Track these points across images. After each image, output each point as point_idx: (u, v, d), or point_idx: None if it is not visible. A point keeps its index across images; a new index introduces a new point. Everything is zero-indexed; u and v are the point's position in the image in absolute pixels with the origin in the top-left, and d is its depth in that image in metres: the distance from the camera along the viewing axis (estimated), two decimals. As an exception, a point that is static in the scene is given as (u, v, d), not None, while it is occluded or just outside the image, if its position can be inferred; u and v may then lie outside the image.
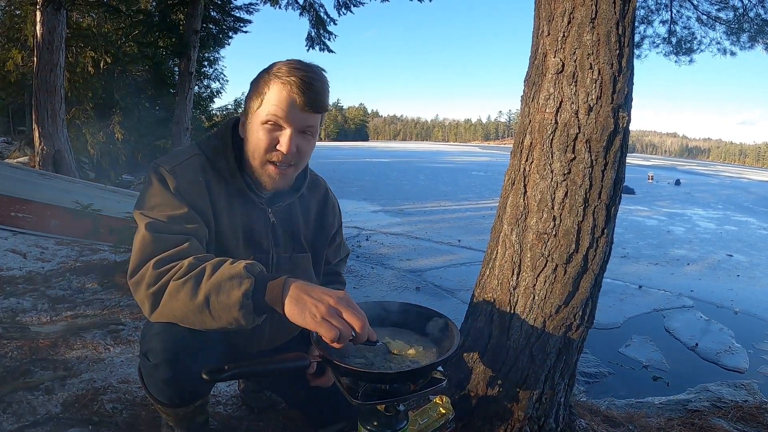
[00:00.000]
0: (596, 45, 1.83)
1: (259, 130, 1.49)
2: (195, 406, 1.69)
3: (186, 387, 1.57)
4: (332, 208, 1.93)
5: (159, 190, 1.45)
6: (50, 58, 10.17)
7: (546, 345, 1.95)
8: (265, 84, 1.48)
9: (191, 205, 1.46)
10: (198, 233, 1.44)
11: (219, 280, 1.25)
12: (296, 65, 1.48)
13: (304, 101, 1.45)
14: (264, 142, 1.49)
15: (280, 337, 1.87)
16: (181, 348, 1.45)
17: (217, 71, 17.60)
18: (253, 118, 1.51)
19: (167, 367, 1.48)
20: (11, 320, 3.27)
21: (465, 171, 31.29)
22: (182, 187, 1.47)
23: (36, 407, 2.24)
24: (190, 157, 1.55)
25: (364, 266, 7.21)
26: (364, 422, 1.48)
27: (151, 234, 1.36)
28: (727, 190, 27.48)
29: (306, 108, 1.47)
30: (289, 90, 1.44)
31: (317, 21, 9.52)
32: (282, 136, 1.49)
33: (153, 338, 1.48)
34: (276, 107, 1.45)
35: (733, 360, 4.76)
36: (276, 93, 1.45)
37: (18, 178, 7.34)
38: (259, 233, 1.65)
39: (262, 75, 1.51)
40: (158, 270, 1.31)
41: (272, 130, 1.48)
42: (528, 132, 1.98)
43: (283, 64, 1.48)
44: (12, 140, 20.92)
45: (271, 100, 1.45)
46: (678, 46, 9.13)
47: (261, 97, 1.48)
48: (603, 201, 1.89)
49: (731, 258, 9.37)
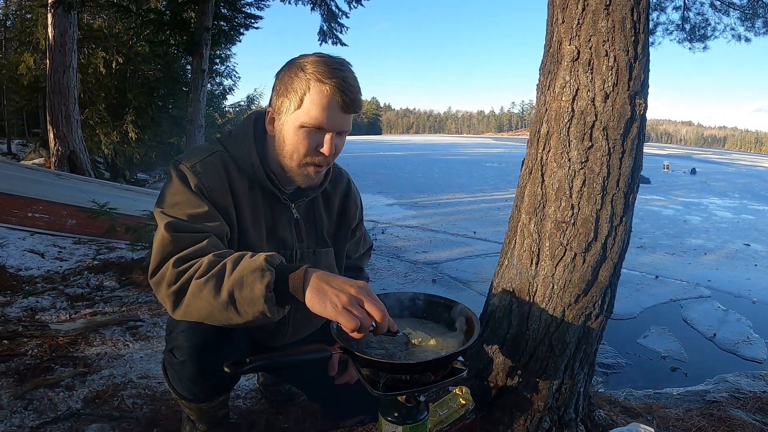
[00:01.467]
0: (611, 32, 1.81)
1: (298, 132, 1.47)
2: (219, 401, 1.71)
3: (211, 383, 1.59)
4: (354, 200, 1.92)
5: (179, 188, 1.44)
6: (63, 60, 10.25)
7: (565, 335, 1.94)
8: (300, 84, 1.44)
9: (212, 202, 1.45)
10: (218, 231, 1.42)
11: (241, 275, 1.22)
12: (333, 65, 1.45)
13: (345, 105, 1.44)
14: (305, 146, 1.47)
15: (303, 330, 1.88)
16: (207, 345, 1.47)
17: (229, 68, 17.66)
18: (289, 119, 1.47)
19: (194, 363, 1.50)
20: (31, 319, 3.31)
21: (479, 163, 31.17)
22: (203, 184, 1.45)
23: (57, 404, 2.26)
24: (212, 154, 1.53)
25: (380, 259, 7.21)
26: (384, 413, 1.49)
27: (170, 233, 1.34)
28: (743, 179, 27.16)
29: (347, 111, 1.47)
30: (332, 95, 1.42)
31: (329, 15, 9.51)
32: (324, 140, 1.48)
33: (179, 335, 1.49)
34: (320, 112, 1.43)
35: (751, 350, 4.71)
36: (318, 97, 1.42)
37: (34, 179, 7.43)
38: (282, 229, 1.65)
39: (294, 72, 1.46)
40: (178, 269, 1.29)
41: (314, 133, 1.47)
42: (544, 120, 1.97)
43: (320, 64, 1.44)
44: (27, 142, 21.12)
45: (314, 105, 1.43)
46: (692, 32, 9.04)
47: (298, 97, 1.44)
48: (621, 189, 1.87)
49: (749, 247, 9.27)
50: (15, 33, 18.06)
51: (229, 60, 17.50)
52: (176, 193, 1.43)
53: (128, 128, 13.07)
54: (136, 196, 8.41)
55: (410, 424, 1.46)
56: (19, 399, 2.26)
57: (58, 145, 10.34)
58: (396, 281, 6.23)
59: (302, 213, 1.70)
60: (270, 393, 2.40)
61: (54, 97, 10.30)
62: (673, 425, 2.41)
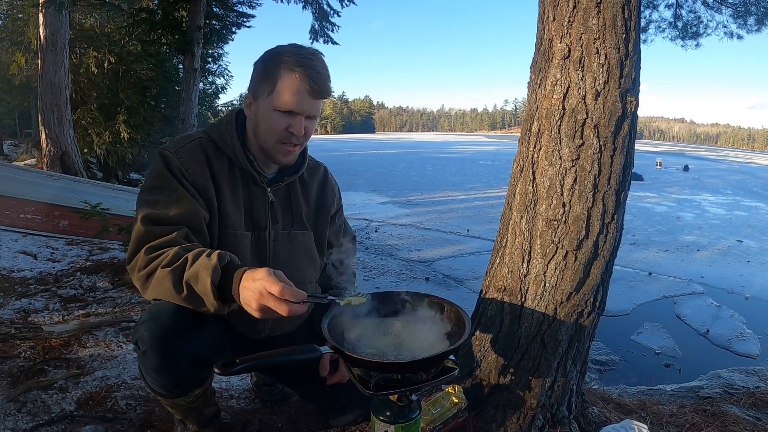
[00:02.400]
0: (602, 29, 1.82)
1: (273, 116, 1.61)
2: (194, 395, 1.70)
3: (176, 374, 1.59)
4: (332, 189, 2.01)
5: (160, 172, 1.58)
6: (55, 60, 10.17)
7: (558, 332, 1.95)
8: (275, 71, 1.59)
9: (193, 183, 1.59)
10: (192, 216, 1.56)
11: (196, 271, 1.35)
12: (303, 54, 1.60)
13: (313, 91, 1.59)
14: (278, 126, 1.62)
15: (286, 324, 1.91)
16: (168, 334, 1.50)
17: (222, 67, 17.61)
18: (264, 103, 1.62)
19: (155, 352, 1.52)
20: (24, 321, 3.29)
21: (472, 161, 31.20)
22: (184, 166, 1.59)
23: (50, 406, 2.25)
24: (194, 140, 1.68)
25: (373, 257, 7.22)
26: (377, 412, 1.49)
27: (145, 226, 1.49)
28: (736, 176, 27.28)
29: (315, 96, 1.61)
30: (301, 81, 1.57)
31: (320, 13, 9.48)
32: (294, 122, 1.62)
33: (141, 326, 1.53)
34: (290, 97, 1.58)
35: (744, 346, 4.73)
36: (288, 83, 1.58)
37: (26, 180, 7.37)
38: (257, 210, 1.75)
39: (270, 60, 1.62)
40: (149, 256, 1.44)
41: (286, 116, 1.61)
42: (536, 118, 1.97)
43: (292, 54, 1.59)
44: (19, 143, 21.04)
45: (285, 90, 1.58)
46: (684, 30, 9.05)
47: (272, 84, 1.59)
48: (612, 186, 1.88)
49: (741, 244, 9.32)
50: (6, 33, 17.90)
51: (221, 59, 17.45)
52: (156, 178, 1.58)
53: (120, 128, 12.97)
54: (129, 196, 8.35)
55: (402, 423, 1.46)
56: (13, 401, 2.25)
57: (50, 146, 10.27)
58: (389, 279, 6.24)
59: (279, 197, 1.81)
60: (263, 393, 2.40)
61: (46, 98, 10.23)
62: (666, 421, 2.42)
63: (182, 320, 1.51)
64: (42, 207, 6.29)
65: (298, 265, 1.82)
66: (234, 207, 1.69)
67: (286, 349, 1.41)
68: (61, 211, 6.31)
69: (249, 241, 1.72)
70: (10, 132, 23.24)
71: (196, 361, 1.58)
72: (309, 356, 1.39)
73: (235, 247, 1.65)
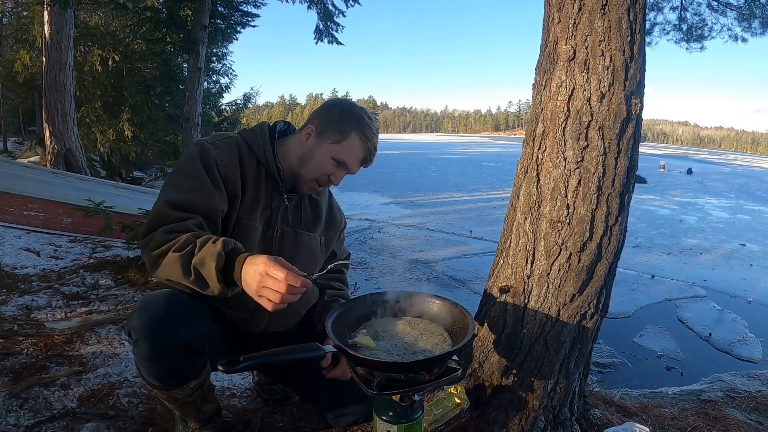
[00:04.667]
0: (608, 31, 1.81)
1: (327, 160, 1.81)
2: (190, 387, 1.71)
3: (168, 362, 1.61)
4: (338, 208, 2.17)
5: (191, 160, 1.69)
6: (59, 58, 10.20)
7: (560, 334, 1.95)
8: (350, 129, 1.80)
9: (224, 173, 1.70)
10: (209, 208, 1.65)
11: (203, 256, 1.42)
12: (374, 129, 1.85)
13: (366, 162, 1.88)
14: (325, 170, 1.82)
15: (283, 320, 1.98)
16: (158, 323, 1.55)
17: (226, 66, 17.59)
18: (325, 146, 1.81)
19: (145, 341, 1.55)
20: (26, 317, 3.30)
21: (476, 162, 31.18)
22: (219, 157, 1.71)
23: (52, 402, 2.26)
24: (230, 137, 1.82)
25: (376, 258, 7.22)
26: (379, 412, 1.49)
27: (166, 209, 1.57)
28: (739, 179, 27.23)
29: (365, 166, 1.90)
30: (365, 150, 1.83)
31: (325, 13, 9.46)
32: (339, 174, 1.86)
33: (132, 315, 1.58)
34: (350, 158, 1.82)
35: (746, 350, 4.72)
36: (356, 146, 1.81)
37: (30, 177, 7.40)
38: (274, 210, 1.85)
39: (349, 115, 1.83)
40: (163, 238, 1.51)
41: (336, 167, 1.82)
42: (540, 120, 1.97)
43: (367, 123, 1.83)
44: (23, 140, 21.06)
45: (350, 149, 1.81)
46: (689, 32, 9.02)
47: (343, 136, 1.80)
48: (617, 188, 1.88)
49: (744, 247, 9.30)
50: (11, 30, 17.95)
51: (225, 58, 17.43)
52: (188, 163, 1.69)
53: (124, 126, 12.98)
54: (132, 194, 8.38)
55: (405, 423, 1.47)
56: (15, 398, 2.26)
57: (54, 143, 10.30)
58: (392, 280, 6.24)
59: (292, 204, 1.91)
60: (265, 392, 2.41)
61: (50, 95, 10.25)
62: (668, 424, 2.41)
63: (173, 309, 1.59)
64: (45, 204, 6.30)
65: (299, 262, 1.84)
66: (254, 202, 1.78)
67: (289, 347, 1.43)
68: (64, 209, 6.32)
69: (258, 233, 1.80)
70: (14, 129, 23.26)
71: (188, 349, 1.61)
72: (312, 355, 1.40)
73: (245, 236, 1.74)
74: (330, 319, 1.52)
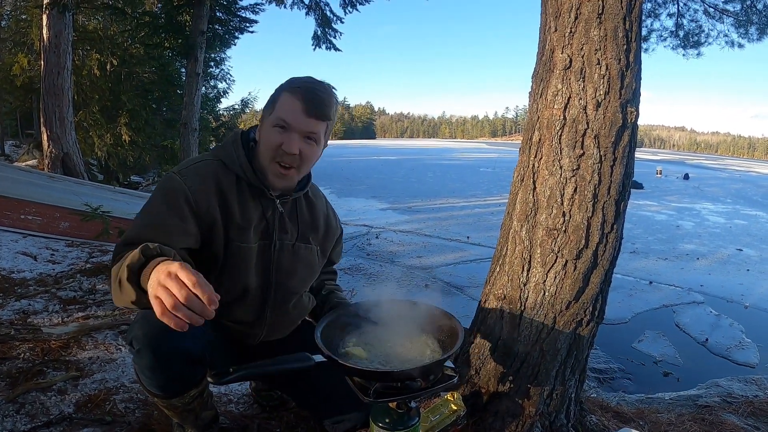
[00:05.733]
0: (603, 40, 1.83)
1: (269, 131, 1.66)
2: (190, 396, 1.71)
3: (170, 372, 1.60)
4: (334, 214, 2.07)
5: (155, 193, 1.63)
6: (57, 62, 10.21)
7: (557, 341, 1.95)
8: (277, 94, 1.68)
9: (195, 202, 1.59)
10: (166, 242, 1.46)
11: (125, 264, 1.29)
12: (307, 79, 1.70)
13: (308, 108, 1.64)
14: (272, 141, 1.65)
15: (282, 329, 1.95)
16: (161, 333, 1.48)
17: (224, 71, 17.63)
18: (265, 123, 1.69)
19: (148, 351, 1.53)
20: (23, 322, 3.30)
21: (473, 168, 31.16)
22: (187, 185, 1.61)
23: (49, 408, 2.26)
24: (201, 161, 1.72)
25: (373, 264, 7.21)
26: (376, 419, 1.49)
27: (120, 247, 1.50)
28: (736, 184, 27.26)
29: (309, 114, 1.64)
30: (297, 97, 1.63)
31: (323, 20, 9.49)
32: (287, 138, 1.64)
33: (134, 325, 1.56)
34: (284, 112, 1.64)
35: (743, 355, 4.73)
36: (285, 100, 1.65)
37: (27, 181, 7.39)
38: (267, 221, 1.77)
39: (277, 88, 1.70)
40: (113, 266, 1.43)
41: (280, 132, 1.64)
42: (536, 128, 1.98)
43: (296, 78, 1.70)
44: (20, 143, 21.06)
45: (281, 106, 1.65)
46: (685, 39, 9.06)
47: (273, 104, 1.67)
48: (612, 196, 1.89)
49: (741, 252, 9.31)
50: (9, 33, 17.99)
51: (223, 63, 17.47)
52: (153, 197, 1.63)
53: (122, 130, 13.00)
54: (130, 198, 8.37)
55: (402, 430, 1.47)
56: (11, 402, 2.25)
57: (51, 147, 10.30)
58: (389, 286, 6.19)
59: (287, 209, 1.83)
60: (262, 398, 2.41)
61: (48, 99, 10.26)
62: (665, 430, 2.42)
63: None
64: (43, 208, 6.29)
65: (298, 275, 1.87)
66: (246, 220, 1.70)
67: (278, 358, 1.43)
68: (61, 213, 6.31)
69: (254, 252, 1.74)
70: (11, 132, 23.26)
71: (190, 360, 1.59)
72: (301, 365, 1.40)
73: (240, 259, 1.70)
74: (319, 329, 1.53)
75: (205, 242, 1.65)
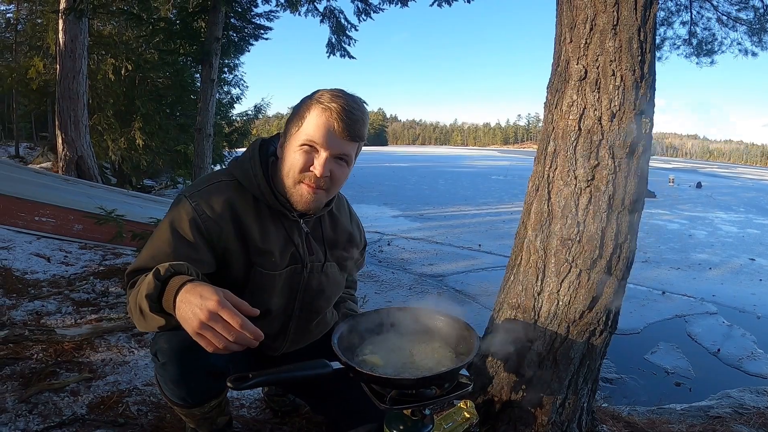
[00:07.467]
0: (618, 51, 1.83)
1: (296, 151, 1.53)
2: (210, 406, 1.70)
3: (194, 385, 1.59)
4: (358, 227, 1.99)
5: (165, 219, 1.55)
6: (73, 66, 10.33)
7: (570, 350, 1.95)
8: (306, 109, 1.53)
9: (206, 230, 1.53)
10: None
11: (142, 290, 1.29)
12: (338, 93, 1.53)
13: (342, 128, 1.50)
14: (299, 163, 1.53)
15: (305, 338, 1.91)
16: (187, 346, 1.43)
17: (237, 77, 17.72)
18: (291, 140, 1.55)
19: (174, 365, 1.52)
20: (36, 323, 3.32)
21: (485, 175, 31.15)
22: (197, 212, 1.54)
23: (62, 409, 2.27)
24: (214, 183, 1.62)
25: (385, 271, 7.23)
26: (390, 426, 1.50)
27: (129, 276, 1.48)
28: (749, 193, 27.10)
29: (343, 135, 1.51)
30: (329, 115, 1.49)
31: (337, 27, 9.51)
32: (317, 159, 1.52)
33: (160, 338, 1.52)
34: (314, 131, 1.50)
35: (755, 366, 4.70)
36: (315, 117, 1.50)
37: (42, 183, 7.47)
38: (294, 244, 1.69)
39: (304, 100, 1.55)
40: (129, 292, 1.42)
41: (308, 152, 1.52)
42: (552, 139, 1.99)
43: (326, 92, 1.53)
44: (35, 146, 21.25)
45: (310, 124, 1.50)
46: (699, 47, 9.02)
47: (301, 120, 1.53)
48: (626, 207, 1.89)
49: (754, 262, 9.26)
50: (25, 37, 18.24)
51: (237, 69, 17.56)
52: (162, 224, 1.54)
53: (136, 135, 13.12)
54: (143, 202, 8.45)
55: (415, 437, 1.47)
56: (24, 403, 2.27)
57: (66, 150, 10.40)
58: (401, 293, 6.24)
59: (312, 228, 1.76)
60: (275, 403, 2.41)
61: (63, 102, 10.37)
62: (676, 442, 2.41)
63: None
64: (57, 211, 6.35)
65: (326, 295, 1.83)
66: (267, 244, 1.62)
67: (297, 365, 1.43)
68: (75, 216, 6.37)
69: (283, 276, 1.67)
70: (26, 135, 23.51)
71: (214, 373, 1.57)
72: (319, 372, 1.40)
73: (262, 286, 1.64)
74: (336, 335, 1.52)
75: (222, 266, 1.59)
